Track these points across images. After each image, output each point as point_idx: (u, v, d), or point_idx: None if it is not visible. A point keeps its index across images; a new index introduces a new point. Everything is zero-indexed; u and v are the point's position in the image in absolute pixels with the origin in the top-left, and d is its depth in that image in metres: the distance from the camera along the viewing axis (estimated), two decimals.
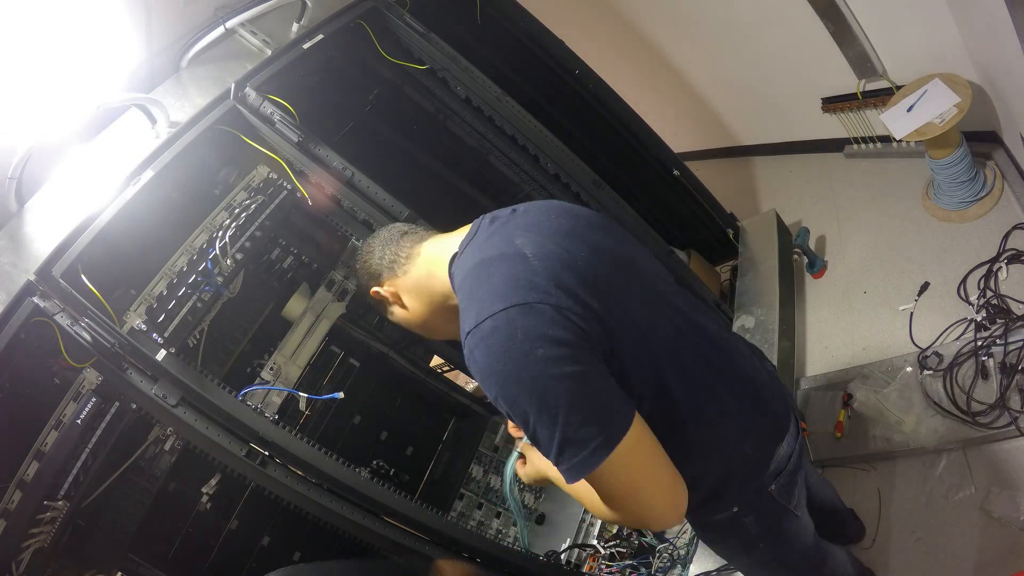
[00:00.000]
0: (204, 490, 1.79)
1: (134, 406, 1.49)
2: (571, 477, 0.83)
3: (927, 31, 2.57)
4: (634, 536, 2.28)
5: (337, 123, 2.55)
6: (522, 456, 1.27)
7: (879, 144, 3.24)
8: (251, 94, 1.68)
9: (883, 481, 2.17)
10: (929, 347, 2.26)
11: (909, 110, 2.52)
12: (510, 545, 1.91)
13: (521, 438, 1.30)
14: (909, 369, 2.23)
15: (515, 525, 1.92)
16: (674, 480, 0.88)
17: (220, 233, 1.64)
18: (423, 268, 1.09)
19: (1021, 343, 1.98)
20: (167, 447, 1.86)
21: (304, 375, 2.30)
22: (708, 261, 3.31)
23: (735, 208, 3.34)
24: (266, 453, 1.48)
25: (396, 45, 2.23)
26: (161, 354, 1.37)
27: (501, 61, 2.86)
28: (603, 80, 2.90)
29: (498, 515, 2.73)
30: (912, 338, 2.41)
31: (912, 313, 2.49)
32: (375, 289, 1.15)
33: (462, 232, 1.06)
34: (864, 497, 2.16)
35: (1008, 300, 2.20)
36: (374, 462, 2.28)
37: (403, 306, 1.14)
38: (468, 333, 0.86)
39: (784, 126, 3.91)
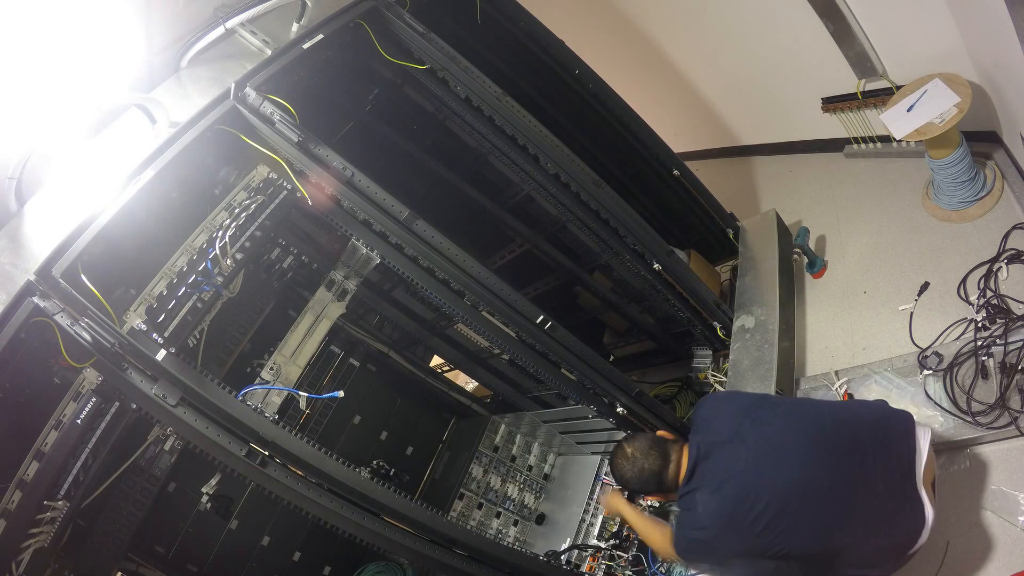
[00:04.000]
0: (204, 490, 1.79)
1: (134, 406, 1.49)
2: None
3: (927, 31, 2.57)
4: (633, 536, 2.28)
5: (337, 123, 2.55)
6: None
7: (879, 144, 3.24)
8: (251, 94, 1.68)
9: None
10: (929, 347, 2.25)
11: (909, 110, 2.52)
12: (510, 545, 1.91)
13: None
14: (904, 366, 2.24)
15: None
16: None
17: (220, 233, 1.64)
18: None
19: (1021, 343, 1.98)
20: (167, 447, 1.86)
21: (304, 375, 2.30)
22: (708, 261, 3.32)
23: (735, 208, 3.33)
24: (266, 453, 1.48)
25: (396, 45, 2.23)
26: (161, 354, 1.37)
27: (501, 61, 2.86)
28: (603, 80, 2.90)
29: (498, 515, 2.73)
30: (912, 338, 2.40)
31: (912, 313, 2.49)
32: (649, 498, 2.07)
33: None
34: None
35: (1008, 300, 2.19)
36: (374, 462, 2.29)
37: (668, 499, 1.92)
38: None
39: (784, 126, 3.90)
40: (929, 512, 1.53)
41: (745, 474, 1.52)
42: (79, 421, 1.44)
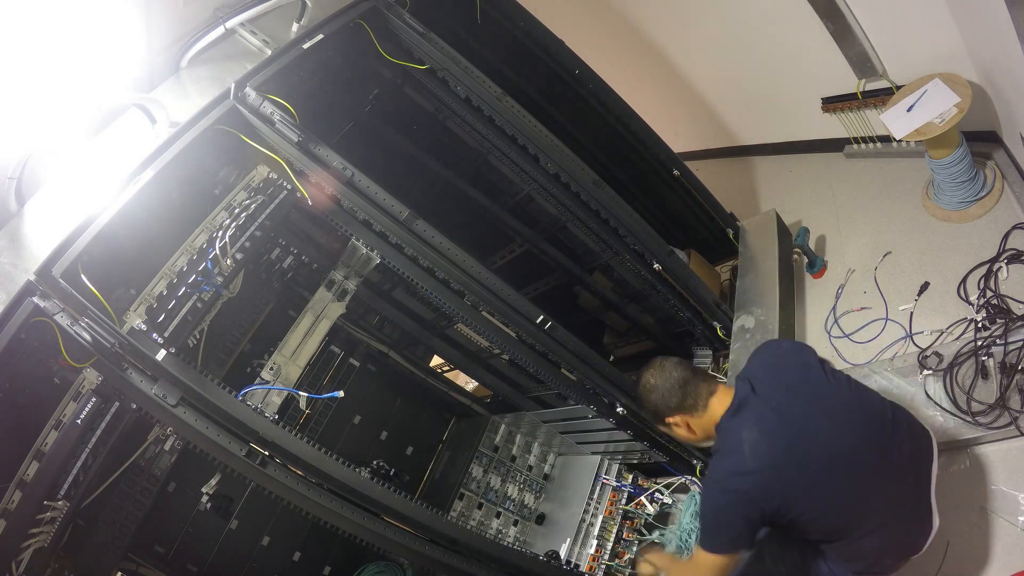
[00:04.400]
0: (204, 490, 1.79)
1: (134, 406, 1.49)
2: None
3: (927, 31, 2.57)
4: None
5: (337, 123, 2.55)
6: None
7: (879, 144, 3.24)
8: (251, 94, 1.68)
9: None
10: (929, 347, 2.26)
11: (909, 110, 2.52)
12: (510, 545, 1.91)
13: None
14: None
15: None
16: None
17: (220, 233, 1.64)
18: (708, 417, 1.61)
19: (1021, 343, 1.98)
20: (167, 447, 1.86)
21: (304, 375, 2.30)
22: (708, 261, 3.32)
23: (735, 208, 3.33)
24: (266, 453, 1.48)
25: (396, 45, 2.23)
26: (161, 354, 1.37)
27: (501, 61, 2.86)
28: (603, 80, 2.90)
29: (498, 515, 2.73)
30: (912, 338, 2.41)
31: (912, 313, 2.49)
32: (671, 418, 1.65)
33: (727, 396, 1.59)
34: None
35: (1008, 300, 2.19)
36: (374, 462, 2.29)
37: (691, 431, 1.64)
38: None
39: (784, 126, 3.90)
40: (936, 521, 1.54)
41: (798, 422, 1.49)
42: (79, 421, 1.44)
